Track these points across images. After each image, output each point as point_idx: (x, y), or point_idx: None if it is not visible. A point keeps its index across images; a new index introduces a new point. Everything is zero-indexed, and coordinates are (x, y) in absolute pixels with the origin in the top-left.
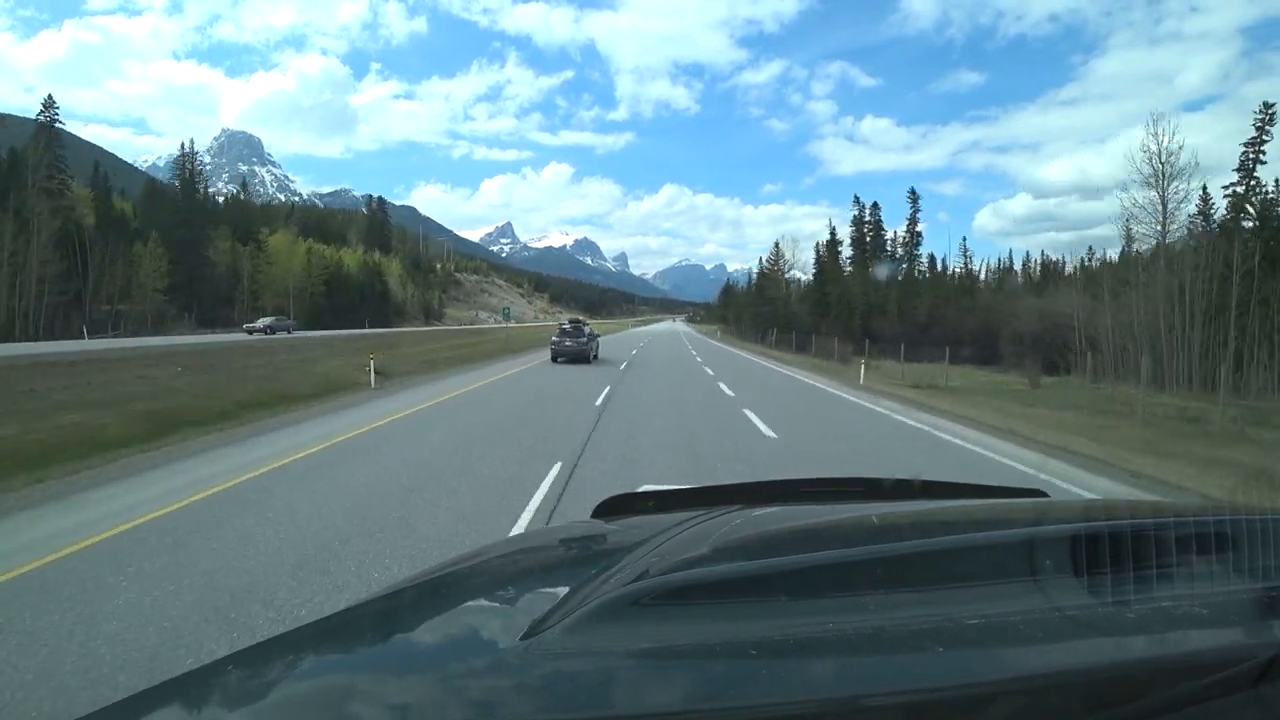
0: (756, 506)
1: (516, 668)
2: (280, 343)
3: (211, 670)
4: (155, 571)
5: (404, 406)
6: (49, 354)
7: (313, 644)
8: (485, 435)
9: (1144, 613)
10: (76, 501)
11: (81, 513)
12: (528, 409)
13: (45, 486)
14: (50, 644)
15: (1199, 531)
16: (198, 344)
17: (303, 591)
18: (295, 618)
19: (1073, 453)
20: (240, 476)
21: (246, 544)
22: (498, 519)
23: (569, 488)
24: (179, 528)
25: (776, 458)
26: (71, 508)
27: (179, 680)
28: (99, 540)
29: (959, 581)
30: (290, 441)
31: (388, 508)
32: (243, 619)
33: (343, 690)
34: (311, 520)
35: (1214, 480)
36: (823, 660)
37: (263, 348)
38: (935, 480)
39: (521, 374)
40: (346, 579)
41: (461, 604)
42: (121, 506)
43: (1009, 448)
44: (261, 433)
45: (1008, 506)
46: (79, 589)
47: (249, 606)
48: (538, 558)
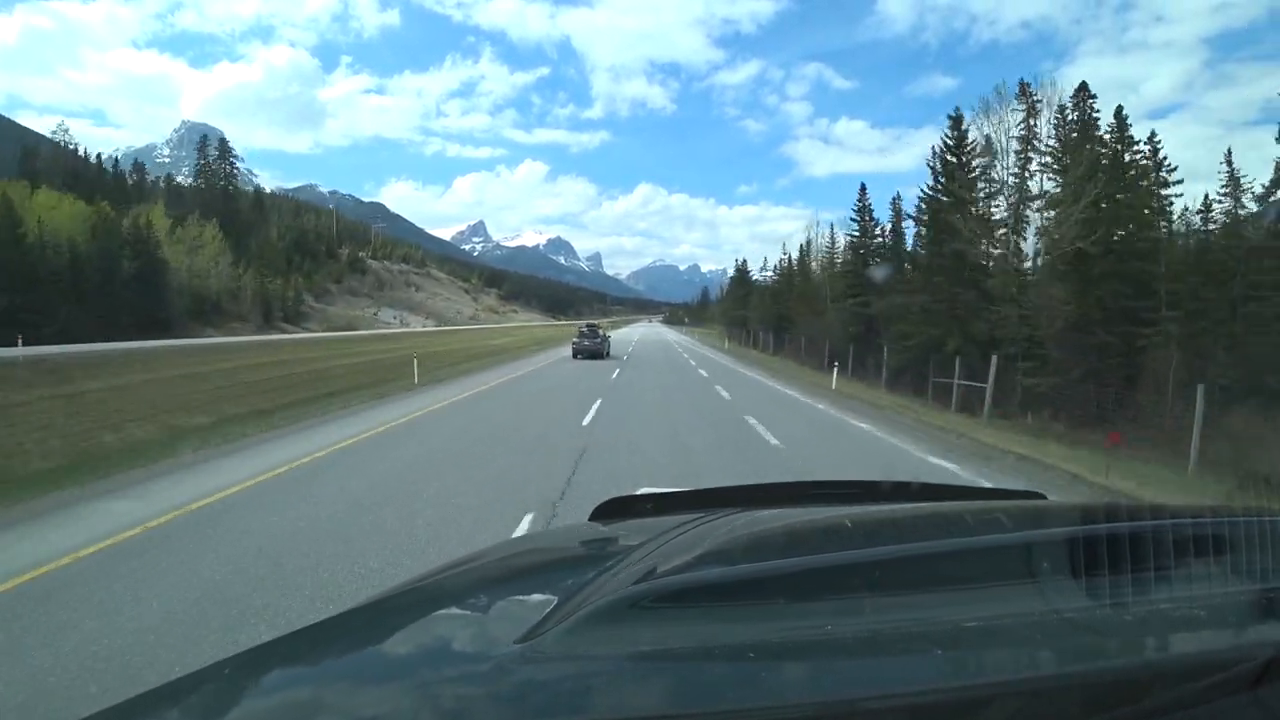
0: (755, 509)
1: (514, 671)
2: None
3: (206, 675)
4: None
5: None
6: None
7: (310, 647)
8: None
9: (1142, 615)
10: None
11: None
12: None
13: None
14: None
15: (1197, 533)
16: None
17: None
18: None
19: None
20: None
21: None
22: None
23: None
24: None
25: None
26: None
27: (174, 685)
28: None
29: (957, 584)
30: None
31: None
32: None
33: (340, 693)
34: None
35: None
36: (821, 663)
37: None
38: (933, 483)
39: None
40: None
41: (459, 607)
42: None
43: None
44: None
45: (1005, 509)
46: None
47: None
48: (536, 560)
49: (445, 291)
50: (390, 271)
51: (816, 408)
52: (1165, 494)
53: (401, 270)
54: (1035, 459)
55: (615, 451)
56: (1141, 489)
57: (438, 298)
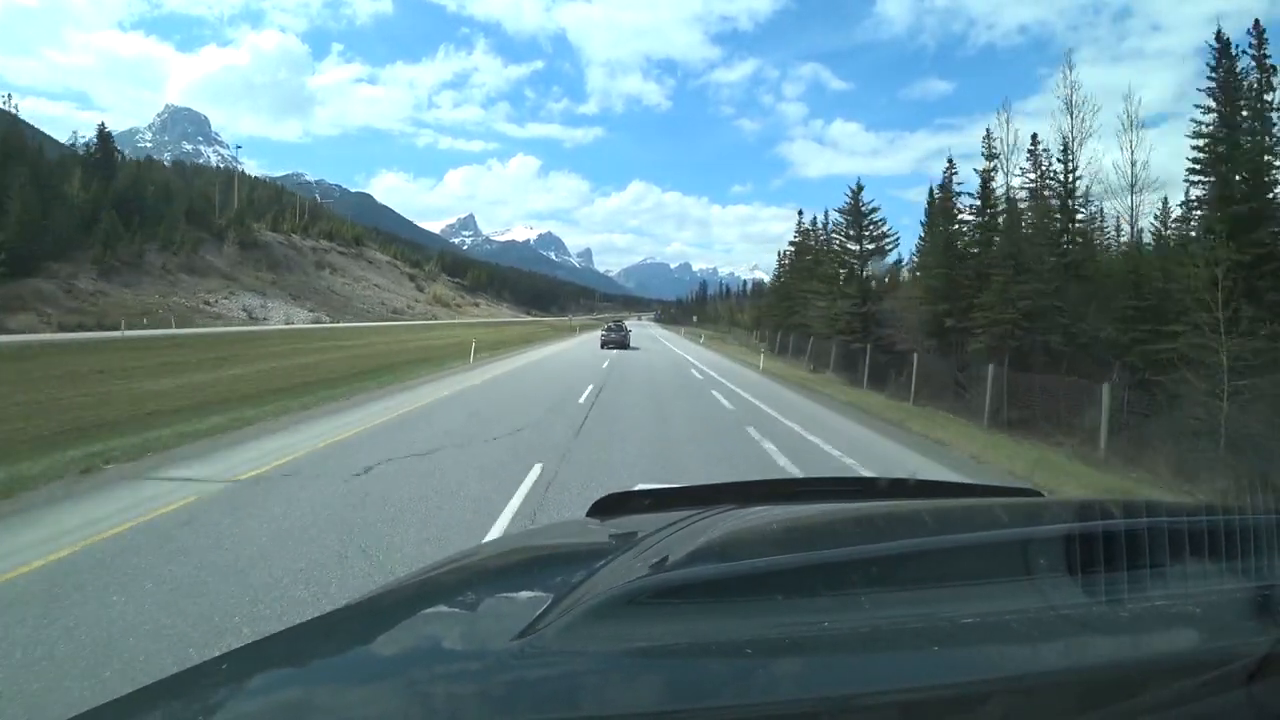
0: (751, 505)
1: (512, 667)
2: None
3: (204, 670)
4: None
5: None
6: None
7: (308, 643)
8: None
9: (1138, 612)
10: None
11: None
12: None
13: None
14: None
15: (1192, 530)
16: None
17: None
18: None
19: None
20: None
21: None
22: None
23: None
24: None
25: None
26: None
27: (171, 681)
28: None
29: (954, 580)
30: None
31: None
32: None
33: (337, 690)
34: None
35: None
36: (818, 659)
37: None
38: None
39: None
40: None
41: (455, 603)
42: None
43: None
44: None
45: (1002, 505)
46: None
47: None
48: (532, 556)
49: (378, 277)
50: (296, 249)
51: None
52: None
53: (316, 248)
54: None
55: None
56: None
57: (362, 283)
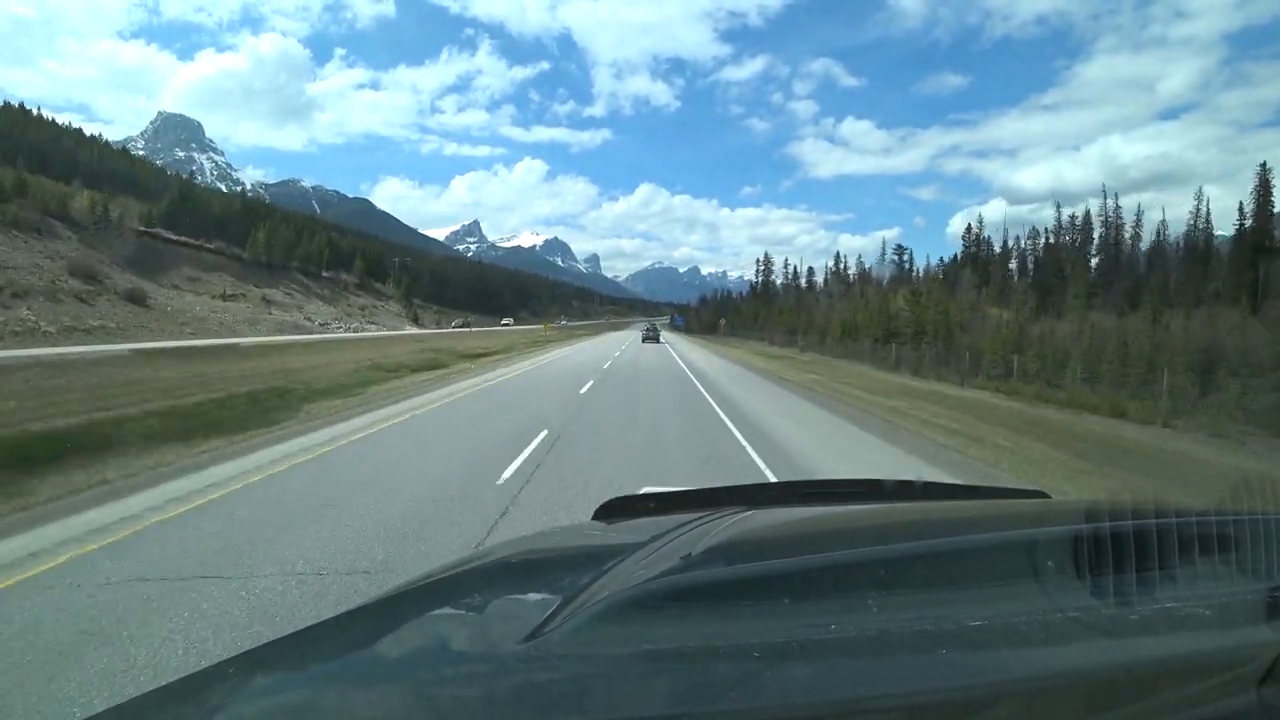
0: (758, 508)
1: (519, 670)
2: None
3: (211, 674)
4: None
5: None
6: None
7: (316, 646)
8: None
9: (1147, 614)
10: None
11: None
12: None
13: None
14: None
15: (1202, 532)
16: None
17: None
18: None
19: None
20: None
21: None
22: None
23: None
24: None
25: None
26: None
27: (179, 684)
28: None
29: (961, 583)
30: None
31: None
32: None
33: (345, 693)
34: None
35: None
36: (826, 662)
37: None
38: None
39: None
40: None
41: (463, 606)
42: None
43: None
44: None
45: (1009, 507)
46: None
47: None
48: (539, 559)
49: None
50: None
51: None
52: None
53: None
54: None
55: None
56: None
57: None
